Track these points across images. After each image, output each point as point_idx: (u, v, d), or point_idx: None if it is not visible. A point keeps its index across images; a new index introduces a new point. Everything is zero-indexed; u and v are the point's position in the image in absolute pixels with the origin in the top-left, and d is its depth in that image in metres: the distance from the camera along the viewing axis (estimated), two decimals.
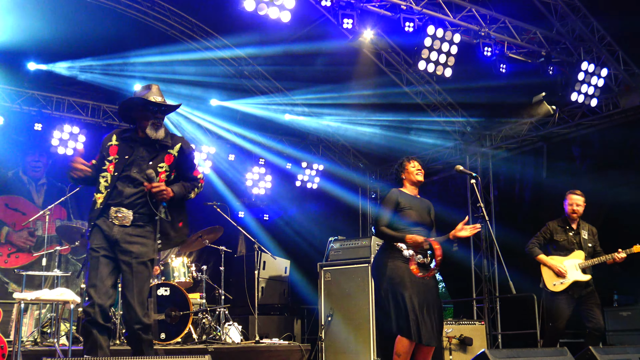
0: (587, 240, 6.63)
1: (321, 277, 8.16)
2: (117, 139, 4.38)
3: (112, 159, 4.30)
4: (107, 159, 4.31)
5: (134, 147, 4.35)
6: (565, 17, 9.04)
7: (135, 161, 4.30)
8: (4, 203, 10.06)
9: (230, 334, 8.27)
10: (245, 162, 12.54)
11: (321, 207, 13.23)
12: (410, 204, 5.20)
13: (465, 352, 7.59)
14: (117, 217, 4.20)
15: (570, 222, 6.71)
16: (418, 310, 4.87)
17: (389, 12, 8.23)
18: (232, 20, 9.61)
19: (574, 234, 6.66)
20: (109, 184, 4.24)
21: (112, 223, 4.20)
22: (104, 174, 4.27)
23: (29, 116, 10.02)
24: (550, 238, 6.71)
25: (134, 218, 4.23)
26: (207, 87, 11.20)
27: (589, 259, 6.50)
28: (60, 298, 6.39)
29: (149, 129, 4.33)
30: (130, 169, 4.27)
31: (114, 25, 9.98)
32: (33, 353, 6.36)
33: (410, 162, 5.40)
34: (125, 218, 4.21)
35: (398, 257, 5.02)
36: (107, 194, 4.22)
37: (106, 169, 4.28)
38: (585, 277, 6.45)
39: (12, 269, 9.65)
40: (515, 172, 11.52)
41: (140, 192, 4.24)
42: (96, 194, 4.27)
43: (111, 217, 4.20)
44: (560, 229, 6.71)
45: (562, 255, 6.60)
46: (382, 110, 11.59)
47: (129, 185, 4.25)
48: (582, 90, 9.31)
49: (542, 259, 6.62)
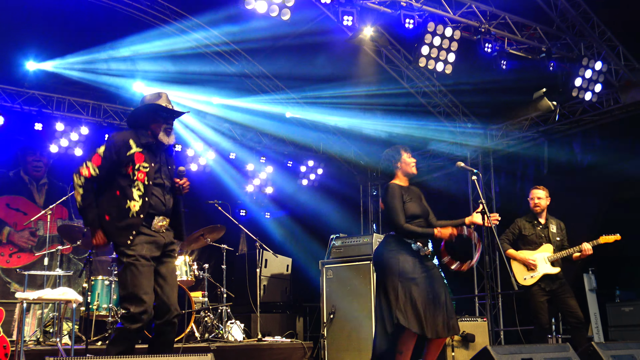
0: (556, 234, 6.71)
1: (323, 274, 8.16)
2: (137, 145, 4.36)
3: (140, 167, 4.32)
4: (134, 168, 4.30)
5: (156, 154, 4.44)
6: (566, 12, 9.03)
7: (160, 168, 4.43)
8: (5, 203, 10.06)
9: (233, 332, 8.28)
10: (246, 160, 12.54)
11: (322, 205, 13.22)
12: (409, 197, 5.18)
13: (468, 348, 7.60)
14: (162, 224, 4.37)
15: (538, 216, 6.75)
16: (428, 303, 4.87)
17: (389, 8, 8.21)
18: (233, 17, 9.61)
19: (542, 228, 6.73)
20: (143, 193, 4.28)
21: (157, 230, 4.33)
22: (135, 183, 4.28)
23: (29, 116, 10.01)
24: (519, 234, 6.79)
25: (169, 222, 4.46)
26: (209, 85, 11.19)
27: (559, 252, 6.54)
28: (63, 297, 6.40)
29: (162, 135, 4.44)
30: (160, 176, 4.41)
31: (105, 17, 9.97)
32: (36, 352, 6.38)
33: (407, 152, 5.31)
34: (165, 223, 4.40)
35: (407, 250, 5.01)
36: (143, 202, 4.26)
37: (137, 178, 4.29)
38: (554, 269, 6.53)
39: (14, 268, 9.66)
40: (517, 168, 11.52)
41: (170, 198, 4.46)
42: (130, 202, 4.25)
43: (155, 226, 4.33)
44: (529, 224, 6.79)
45: (531, 249, 6.67)
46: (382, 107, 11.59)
47: (163, 192, 4.40)
48: (582, 86, 9.29)
49: (512, 254, 6.70)
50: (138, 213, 4.24)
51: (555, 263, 6.55)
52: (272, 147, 12.83)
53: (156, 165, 4.38)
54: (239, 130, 12.36)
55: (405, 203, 5.12)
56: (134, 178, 4.28)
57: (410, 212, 5.09)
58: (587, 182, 10.04)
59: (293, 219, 12.96)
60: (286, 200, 13.28)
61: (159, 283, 4.31)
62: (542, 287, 6.52)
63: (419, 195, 5.34)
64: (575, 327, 6.45)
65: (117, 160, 4.28)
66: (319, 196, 13.33)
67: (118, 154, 4.29)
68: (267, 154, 12.66)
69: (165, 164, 4.49)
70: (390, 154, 5.33)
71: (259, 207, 12.93)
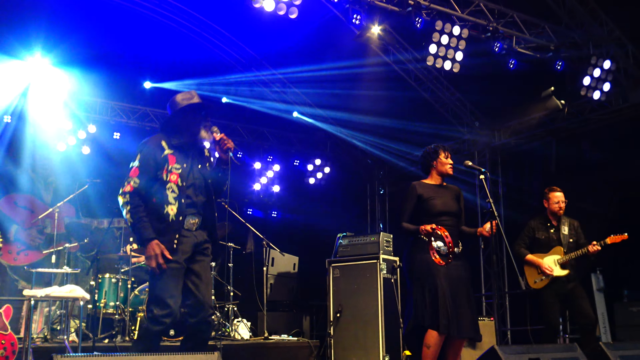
0: (568, 236, 6.64)
1: (330, 273, 8.15)
2: (170, 146, 4.34)
3: (172, 168, 4.29)
4: (167, 170, 4.27)
5: (188, 154, 4.40)
6: (574, 10, 8.98)
7: (193, 168, 4.38)
8: (12, 201, 10.09)
9: (239, 330, 8.29)
10: (253, 159, 12.56)
11: (329, 203, 13.22)
12: (434, 194, 5.21)
13: (475, 348, 7.57)
14: (193, 222, 4.31)
15: (552, 218, 6.71)
16: (450, 303, 4.88)
17: (397, 7, 8.20)
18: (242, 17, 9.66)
19: (554, 230, 6.68)
20: (178, 194, 4.26)
21: (189, 229, 4.29)
22: (169, 185, 4.25)
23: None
24: (532, 236, 6.72)
25: (201, 222, 4.39)
26: (216, 84, 11.23)
27: (567, 254, 6.50)
28: (70, 295, 6.42)
29: (203, 133, 4.41)
30: (193, 176, 4.36)
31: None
32: (43, 349, 6.39)
33: (445, 152, 5.37)
34: (197, 223, 4.35)
35: (427, 249, 5.02)
36: (179, 204, 4.24)
37: (169, 179, 4.26)
38: (563, 272, 6.47)
39: (22, 266, 9.68)
40: (524, 167, 11.47)
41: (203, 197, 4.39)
42: (167, 206, 4.22)
43: (188, 226, 4.29)
44: (542, 226, 6.74)
45: (543, 253, 6.62)
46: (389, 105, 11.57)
47: (195, 192, 4.35)
48: (591, 84, 9.26)
49: (531, 259, 6.63)
50: (177, 216, 4.22)
51: (566, 265, 6.50)
52: (279, 145, 12.85)
53: (188, 166, 4.34)
54: (246, 129, 12.39)
55: (428, 201, 5.17)
56: (167, 179, 4.25)
57: (437, 210, 5.14)
58: (596, 182, 9.98)
59: (300, 217, 12.96)
60: (293, 198, 13.28)
61: (194, 281, 4.27)
62: (554, 289, 6.47)
63: (455, 194, 5.38)
64: (586, 328, 6.40)
65: (154, 165, 4.26)
66: (325, 195, 13.34)
67: (154, 158, 4.27)
68: (273, 153, 12.67)
69: (197, 163, 4.43)
70: (428, 151, 5.43)
71: (266, 205, 12.94)
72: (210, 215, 4.45)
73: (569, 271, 6.48)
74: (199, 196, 4.37)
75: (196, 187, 4.37)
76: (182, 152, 4.37)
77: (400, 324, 7.73)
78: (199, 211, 4.37)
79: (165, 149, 4.30)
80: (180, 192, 4.26)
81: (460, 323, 4.88)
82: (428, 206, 5.14)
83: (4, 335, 5.84)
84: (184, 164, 4.34)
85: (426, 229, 4.92)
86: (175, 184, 4.26)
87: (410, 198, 5.20)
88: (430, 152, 5.40)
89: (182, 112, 4.41)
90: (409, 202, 5.20)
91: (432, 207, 5.13)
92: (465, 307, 4.97)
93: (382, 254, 7.84)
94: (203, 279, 4.31)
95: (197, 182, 4.38)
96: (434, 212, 5.12)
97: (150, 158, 4.26)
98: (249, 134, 12.46)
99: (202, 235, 4.38)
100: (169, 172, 4.26)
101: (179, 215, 4.23)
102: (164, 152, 4.29)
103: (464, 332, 4.90)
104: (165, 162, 4.27)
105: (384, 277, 7.73)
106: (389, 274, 7.85)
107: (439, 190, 5.27)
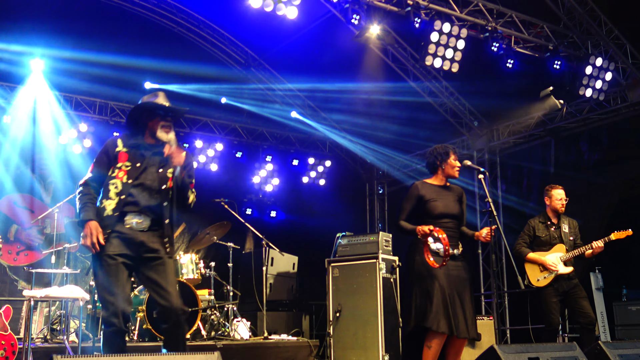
0: (568, 234, 6.65)
1: (329, 273, 8.15)
2: (124, 145, 4.35)
3: (122, 165, 4.29)
4: (115, 166, 4.28)
5: (144, 154, 4.36)
6: (573, 10, 9.00)
7: (147, 168, 4.33)
8: (12, 201, 10.09)
9: (239, 330, 8.28)
10: (252, 159, 12.57)
11: (328, 203, 13.22)
12: (435, 196, 5.18)
13: (474, 347, 7.58)
14: (137, 223, 4.23)
15: (552, 216, 6.72)
16: (449, 303, 4.88)
17: (396, 7, 8.21)
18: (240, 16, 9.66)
19: (555, 228, 6.68)
20: (120, 191, 4.23)
21: (131, 229, 4.21)
22: (113, 180, 4.25)
23: None
24: (533, 235, 6.73)
25: (151, 223, 4.29)
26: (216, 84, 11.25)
27: (571, 252, 6.52)
28: (70, 295, 6.42)
29: (159, 132, 4.35)
30: (144, 177, 4.30)
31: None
32: (43, 350, 6.39)
33: (455, 154, 5.30)
34: (144, 224, 4.26)
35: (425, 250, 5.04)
36: (119, 200, 4.20)
37: (115, 175, 4.26)
38: (567, 269, 6.47)
39: (22, 266, 9.68)
40: (523, 167, 11.48)
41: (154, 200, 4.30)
42: (105, 201, 4.22)
43: (129, 224, 4.22)
44: (542, 224, 6.73)
45: (545, 251, 6.62)
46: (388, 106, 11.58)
47: (144, 193, 4.27)
48: (589, 84, 9.27)
49: (533, 258, 6.63)
50: (114, 211, 4.19)
51: (568, 263, 6.51)
52: (277, 145, 12.85)
53: (141, 166, 4.31)
54: (245, 129, 12.40)
55: (430, 202, 5.15)
56: (113, 175, 4.26)
57: (437, 211, 5.12)
58: (594, 181, 10.00)
59: (299, 217, 12.95)
60: (292, 198, 13.28)
61: (153, 288, 4.22)
62: (556, 288, 6.48)
63: (457, 195, 5.34)
64: (586, 328, 6.40)
65: (106, 161, 4.31)
66: (325, 194, 13.34)
67: (107, 154, 4.33)
68: (272, 153, 12.68)
69: (156, 166, 4.35)
70: (439, 151, 5.30)
71: (265, 205, 12.94)
72: (161, 219, 4.32)
73: (572, 269, 6.49)
74: (150, 198, 4.27)
75: (145, 187, 4.28)
76: (137, 150, 4.36)
77: (400, 323, 7.74)
78: (145, 211, 4.26)
79: (118, 147, 4.34)
80: (123, 189, 4.23)
81: (461, 323, 4.88)
82: (429, 208, 5.12)
83: (3, 335, 5.84)
84: (136, 163, 4.31)
85: (423, 229, 4.91)
86: (120, 180, 4.25)
87: (411, 198, 5.19)
88: (441, 153, 5.28)
89: (137, 110, 4.43)
90: (409, 202, 5.19)
91: (434, 209, 5.12)
92: (466, 308, 4.96)
93: (382, 254, 7.85)
94: (161, 283, 4.20)
95: (148, 182, 4.30)
96: (435, 214, 5.10)
97: (103, 154, 4.34)
98: (248, 133, 12.46)
99: (151, 237, 4.27)
100: (117, 169, 4.28)
101: (116, 211, 4.19)
102: (116, 149, 4.33)
103: (465, 332, 4.90)
104: (116, 159, 4.31)
105: (383, 276, 7.74)
106: (388, 273, 7.86)
107: (441, 191, 5.24)
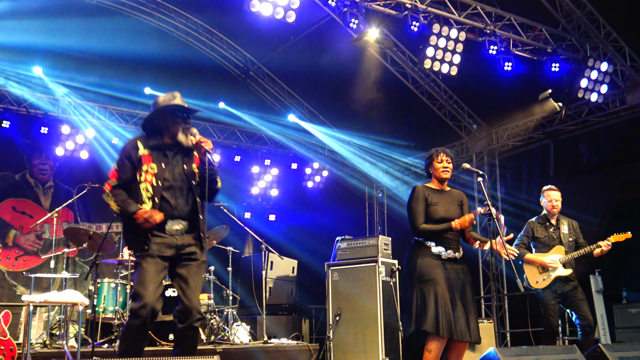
0: (567, 235, 6.64)
1: (329, 276, 8.15)
2: (145, 147, 4.32)
3: (148, 168, 4.27)
4: (141, 169, 4.26)
5: (167, 155, 4.36)
6: (571, 13, 9.01)
7: (173, 169, 4.34)
8: (11, 206, 10.09)
9: (239, 334, 8.27)
10: (250, 163, 12.57)
11: (328, 207, 13.23)
12: (437, 200, 5.18)
13: (474, 350, 7.57)
14: (176, 230, 4.26)
15: (550, 218, 6.72)
16: (450, 306, 4.87)
17: (394, 10, 8.21)
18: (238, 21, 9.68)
19: (554, 229, 6.68)
20: (152, 194, 4.23)
21: (171, 234, 4.24)
22: (143, 185, 4.24)
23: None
24: (532, 236, 6.73)
25: (188, 226, 4.32)
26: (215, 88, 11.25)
27: (569, 253, 6.51)
28: (69, 300, 6.41)
29: (180, 135, 4.35)
30: (172, 178, 4.30)
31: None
32: (42, 355, 6.38)
33: (438, 156, 5.28)
34: (182, 228, 4.29)
35: (427, 254, 5.04)
36: (153, 204, 4.20)
37: (144, 179, 4.24)
38: (566, 271, 6.47)
39: (20, 271, 9.68)
40: (522, 170, 11.49)
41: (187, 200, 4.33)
42: (140, 205, 4.19)
43: (169, 229, 4.24)
44: (541, 225, 6.73)
45: (544, 252, 6.62)
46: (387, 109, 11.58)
47: (177, 195, 4.30)
48: (588, 87, 9.27)
49: (530, 258, 6.63)
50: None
51: (567, 265, 6.50)
52: (276, 149, 12.86)
53: (166, 168, 4.31)
54: (243, 133, 12.40)
55: (431, 206, 5.14)
56: (142, 179, 4.24)
57: (438, 216, 5.12)
58: (593, 184, 10.00)
59: (299, 220, 12.96)
60: (291, 202, 13.28)
61: (181, 286, 4.24)
62: (554, 290, 6.48)
63: (457, 199, 5.33)
64: (585, 331, 6.40)
65: (130, 166, 4.27)
66: (324, 198, 13.35)
67: (129, 158, 4.28)
68: (271, 156, 12.68)
69: (178, 165, 4.37)
70: (426, 157, 5.39)
71: (264, 209, 12.95)
72: (194, 219, 4.37)
73: (572, 271, 6.48)
74: (180, 199, 4.31)
75: (176, 189, 4.31)
76: (159, 153, 4.35)
77: (400, 327, 7.73)
78: (182, 215, 4.30)
79: (140, 149, 4.30)
80: (155, 192, 4.23)
81: (461, 327, 4.87)
82: (430, 211, 5.13)
83: (2, 341, 5.84)
84: (161, 164, 4.30)
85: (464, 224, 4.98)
86: (150, 184, 4.24)
87: (419, 200, 5.16)
88: (427, 157, 5.38)
89: (159, 113, 4.41)
90: (420, 204, 5.15)
91: (434, 213, 5.11)
92: (467, 311, 4.96)
93: (381, 257, 7.84)
94: (190, 283, 4.24)
95: (177, 184, 4.32)
96: (436, 218, 5.10)
97: (125, 159, 4.29)
98: (246, 137, 12.47)
99: (188, 239, 4.32)
100: (144, 172, 4.25)
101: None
102: (138, 152, 4.29)
103: (466, 336, 4.89)
104: (140, 162, 4.27)
105: (382, 280, 7.73)
106: (388, 277, 7.86)
107: (441, 195, 5.24)
